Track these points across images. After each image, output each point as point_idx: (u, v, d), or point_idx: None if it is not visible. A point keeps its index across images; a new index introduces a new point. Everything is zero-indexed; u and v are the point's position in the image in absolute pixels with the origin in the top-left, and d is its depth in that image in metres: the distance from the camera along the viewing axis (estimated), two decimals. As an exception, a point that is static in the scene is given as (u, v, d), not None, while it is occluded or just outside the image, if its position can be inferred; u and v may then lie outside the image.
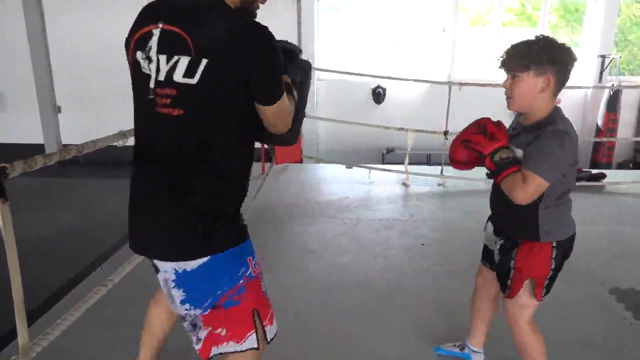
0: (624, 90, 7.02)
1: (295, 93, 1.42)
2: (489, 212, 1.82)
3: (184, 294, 1.32)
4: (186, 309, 1.34)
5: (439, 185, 4.56)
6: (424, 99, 9.12)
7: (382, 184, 4.55)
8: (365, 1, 9.27)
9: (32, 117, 9.33)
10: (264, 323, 1.40)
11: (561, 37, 10.13)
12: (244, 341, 1.36)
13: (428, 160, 8.69)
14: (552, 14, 9.86)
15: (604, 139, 7.64)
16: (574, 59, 1.53)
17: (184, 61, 1.20)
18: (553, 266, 1.63)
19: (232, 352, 1.37)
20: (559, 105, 1.61)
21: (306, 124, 9.71)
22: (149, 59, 1.26)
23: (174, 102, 1.23)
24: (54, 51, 9.27)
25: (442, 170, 4.65)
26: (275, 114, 1.30)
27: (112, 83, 9.34)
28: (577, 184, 4.46)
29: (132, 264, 2.22)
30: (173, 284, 1.32)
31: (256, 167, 5.00)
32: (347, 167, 5.18)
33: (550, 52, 1.49)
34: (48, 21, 9.12)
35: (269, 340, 1.42)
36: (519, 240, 1.65)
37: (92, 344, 2.18)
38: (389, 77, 5.33)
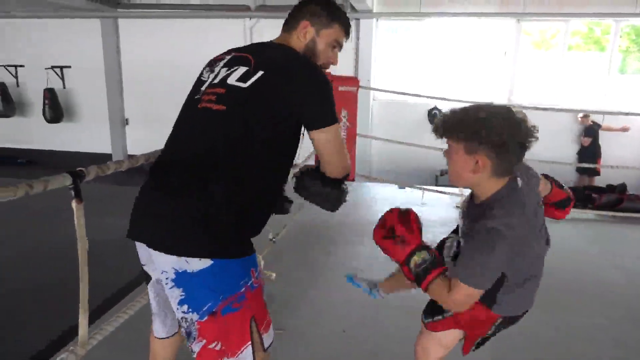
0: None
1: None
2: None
3: (182, 294, 1.28)
4: (184, 312, 1.29)
5: (457, 206, 4.44)
6: (482, 122, 8.94)
7: (436, 206, 4.49)
8: (426, 23, 9.27)
9: (103, 128, 10.00)
10: (261, 331, 1.35)
11: (631, 63, 9.68)
12: (238, 356, 1.31)
13: (483, 184, 8.48)
14: (623, 38, 9.42)
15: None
16: (525, 138, 1.23)
17: (241, 70, 1.31)
18: (491, 331, 1.52)
19: None
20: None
21: (360, 143, 9.76)
22: (212, 71, 1.38)
23: (219, 99, 1.30)
24: (126, 69, 9.95)
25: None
26: (329, 142, 1.34)
27: (174, 99, 9.88)
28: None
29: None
30: (172, 284, 1.28)
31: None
32: (399, 188, 5.16)
33: (484, 128, 1.19)
34: (122, 43, 9.84)
35: (266, 348, 1.38)
36: None
37: (141, 337, 2.28)
38: (442, 98, 5.27)
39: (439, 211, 4.37)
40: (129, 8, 9.13)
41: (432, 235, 3.78)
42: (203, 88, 1.36)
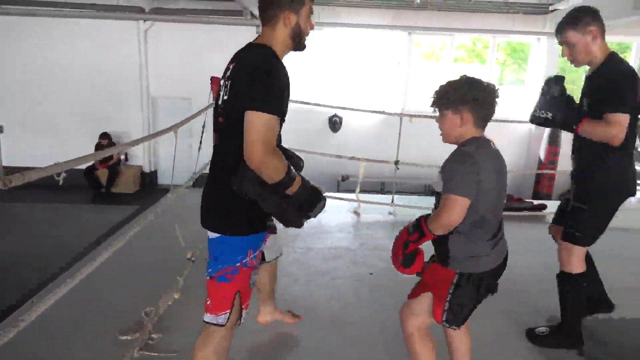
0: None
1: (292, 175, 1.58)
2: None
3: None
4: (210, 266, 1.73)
5: (390, 214, 4.62)
6: (378, 128, 9.33)
7: (335, 212, 4.57)
8: (324, 33, 9.48)
9: (-27, 136, 8.89)
10: (243, 306, 1.74)
11: (508, 75, 10.72)
12: (218, 316, 1.70)
13: (382, 188, 8.84)
14: (500, 52, 10.41)
15: (545, 171, 8.00)
16: (491, 96, 1.66)
17: (226, 83, 1.65)
18: (453, 291, 1.68)
19: (206, 322, 1.73)
20: (492, 146, 1.72)
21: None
22: (224, 85, 1.68)
23: (222, 113, 1.65)
24: (5, 71, 9.02)
25: (392, 199, 4.73)
26: (251, 125, 1.49)
27: (60, 104, 9.11)
28: (519, 213, 4.64)
29: (47, 303, 1.82)
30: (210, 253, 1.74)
31: (208, 193, 4.92)
32: (300, 195, 5.18)
33: (460, 92, 1.65)
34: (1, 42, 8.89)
35: (242, 321, 1.77)
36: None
37: None
38: (343, 107, 5.39)
39: (337, 217, 4.46)
40: (6, 4, 8.22)
41: (331, 241, 3.86)
42: (219, 102, 1.68)
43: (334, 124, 9.58)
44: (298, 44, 1.74)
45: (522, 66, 10.36)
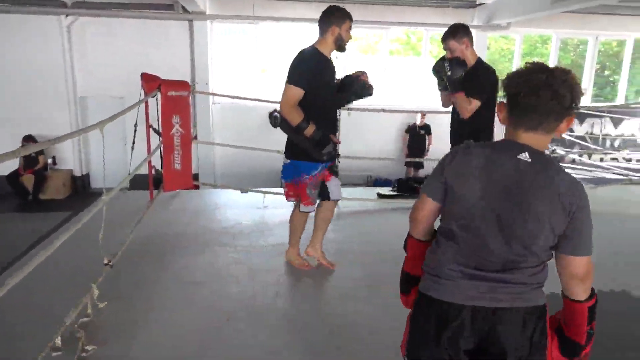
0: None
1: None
2: (381, 231, 1.85)
3: (282, 173, 3.05)
4: (282, 178, 3.06)
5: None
6: (319, 122, 9.36)
7: (278, 208, 4.51)
8: (263, 26, 9.35)
9: None
10: (302, 203, 3.02)
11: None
12: (302, 201, 3.01)
13: (325, 182, 8.89)
14: (434, 45, 10.73)
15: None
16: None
17: None
18: (415, 312, 1.38)
19: (297, 205, 3.09)
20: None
21: (202, 149, 9.46)
22: None
23: None
24: None
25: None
26: (283, 91, 2.81)
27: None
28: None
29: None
30: (283, 169, 3.04)
31: (143, 195, 4.72)
32: (242, 192, 5.09)
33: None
34: None
35: (301, 210, 3.06)
36: None
37: None
38: (278, 102, 5.31)
39: (280, 212, 4.40)
40: None
41: (275, 237, 3.81)
42: None
43: (275, 119, 9.48)
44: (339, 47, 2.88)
45: (455, 58, 10.73)
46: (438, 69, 3.00)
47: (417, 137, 9.24)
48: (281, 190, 5.61)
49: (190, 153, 4.34)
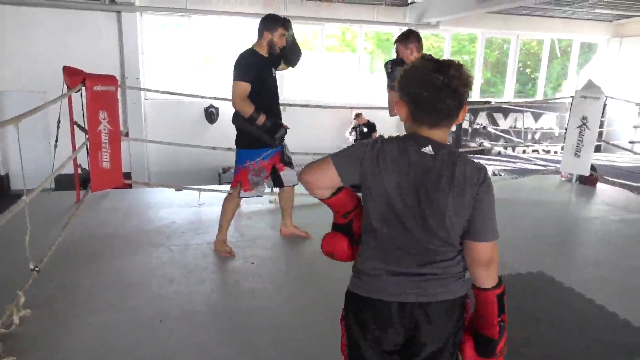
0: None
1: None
2: (316, 225, 1.84)
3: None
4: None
5: (270, 202, 4.63)
6: (256, 118, 9.29)
7: (214, 205, 4.44)
8: (196, 19, 9.11)
9: None
10: (241, 188, 3.26)
11: (377, 63, 11.31)
12: (241, 189, 3.26)
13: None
14: (369, 41, 10.95)
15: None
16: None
17: None
18: (347, 311, 1.38)
19: (234, 190, 3.31)
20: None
21: (134, 147, 9.12)
22: None
23: None
24: None
25: (272, 188, 4.74)
26: (232, 87, 3.11)
27: None
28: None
29: None
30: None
31: (69, 195, 4.48)
32: (176, 190, 4.96)
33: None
34: None
35: (239, 196, 3.29)
36: None
37: None
38: (215, 98, 5.25)
39: (217, 210, 4.28)
40: None
41: (210, 235, 3.74)
42: None
43: (211, 115, 9.32)
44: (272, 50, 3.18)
45: (389, 55, 11.02)
46: (385, 69, 3.27)
47: (362, 137, 9.43)
48: (217, 187, 5.56)
49: (119, 150, 4.16)
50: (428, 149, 1.26)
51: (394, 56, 3.37)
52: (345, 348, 1.39)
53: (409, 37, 3.19)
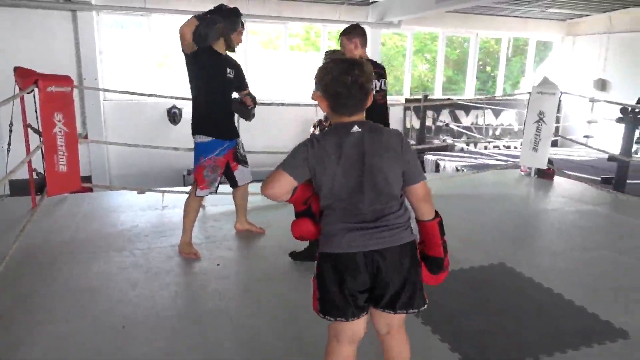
0: (391, 108, 8.13)
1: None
2: (280, 225, 1.89)
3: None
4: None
5: None
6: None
7: (178, 207, 4.35)
8: (156, 18, 8.92)
9: None
10: (198, 187, 3.25)
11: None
12: (198, 188, 3.26)
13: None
14: (333, 41, 10.99)
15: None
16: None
17: None
18: (316, 274, 1.61)
19: (192, 190, 3.32)
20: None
21: (94, 150, 8.89)
22: None
23: None
24: None
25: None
26: None
27: None
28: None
29: None
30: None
31: (25, 201, 4.31)
32: (139, 193, 4.85)
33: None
34: None
35: (197, 195, 3.28)
36: None
37: None
38: (177, 97, 5.16)
39: (181, 212, 4.24)
40: None
41: (175, 238, 3.67)
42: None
43: (174, 115, 9.15)
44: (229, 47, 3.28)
45: (352, 54, 11.09)
46: (324, 58, 3.36)
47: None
48: (181, 188, 5.46)
49: (77, 153, 4.02)
50: (355, 128, 1.56)
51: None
52: (317, 302, 1.62)
53: (352, 31, 3.21)
